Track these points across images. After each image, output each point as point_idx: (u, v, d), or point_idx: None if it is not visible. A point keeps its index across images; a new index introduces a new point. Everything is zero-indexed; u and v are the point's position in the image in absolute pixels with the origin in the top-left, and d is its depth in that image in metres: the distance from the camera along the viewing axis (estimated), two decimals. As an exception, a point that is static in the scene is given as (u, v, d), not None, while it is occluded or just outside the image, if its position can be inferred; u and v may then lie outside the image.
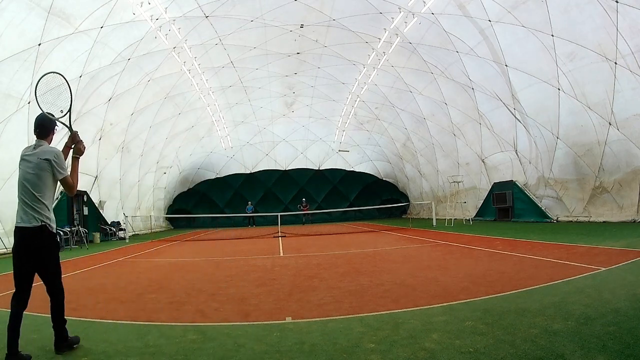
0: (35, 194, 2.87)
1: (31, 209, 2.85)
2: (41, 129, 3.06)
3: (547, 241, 8.51)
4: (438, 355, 2.55)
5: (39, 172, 2.88)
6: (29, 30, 9.89)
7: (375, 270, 6.08)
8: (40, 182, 2.89)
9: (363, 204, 26.49)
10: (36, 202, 2.86)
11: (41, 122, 3.08)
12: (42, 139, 3.05)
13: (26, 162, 2.94)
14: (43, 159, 2.89)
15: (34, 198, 2.86)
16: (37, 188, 2.88)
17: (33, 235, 2.83)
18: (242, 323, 3.57)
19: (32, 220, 2.84)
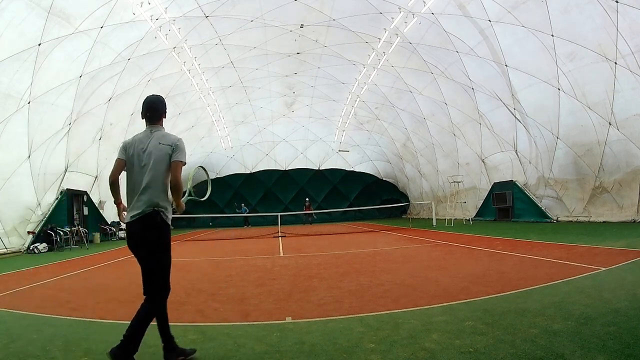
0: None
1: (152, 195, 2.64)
2: (152, 111, 2.83)
3: (547, 241, 8.51)
4: (438, 355, 2.55)
5: (161, 159, 2.67)
6: (29, 30, 9.90)
7: (375, 270, 6.08)
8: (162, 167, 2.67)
9: (363, 204, 26.48)
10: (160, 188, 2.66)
11: (152, 104, 2.83)
12: (155, 123, 2.83)
13: (142, 148, 2.70)
14: (164, 144, 2.69)
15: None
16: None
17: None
18: (242, 323, 3.57)
19: (148, 206, 2.63)
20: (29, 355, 2.89)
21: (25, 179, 12.22)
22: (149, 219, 2.61)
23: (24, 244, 12.19)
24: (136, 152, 2.69)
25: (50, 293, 5.37)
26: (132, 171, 2.69)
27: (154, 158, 2.65)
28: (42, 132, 12.23)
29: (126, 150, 2.73)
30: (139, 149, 2.69)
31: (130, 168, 2.71)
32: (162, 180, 2.66)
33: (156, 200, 2.62)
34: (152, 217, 2.61)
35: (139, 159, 2.68)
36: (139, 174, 2.66)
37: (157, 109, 2.84)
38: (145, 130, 2.81)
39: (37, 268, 8.22)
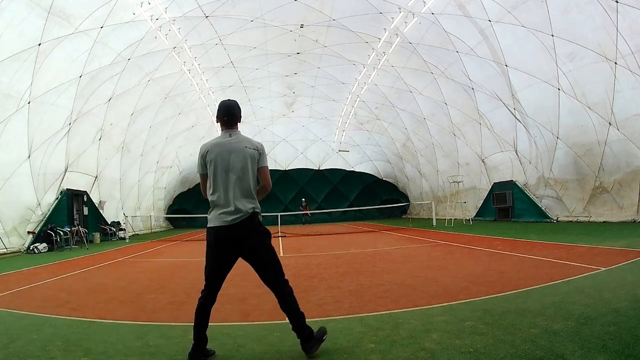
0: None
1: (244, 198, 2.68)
2: (231, 116, 2.84)
3: (547, 241, 8.51)
4: (438, 355, 2.55)
5: (250, 162, 2.72)
6: (29, 30, 9.90)
7: (375, 270, 6.07)
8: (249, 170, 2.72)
9: (363, 204, 26.48)
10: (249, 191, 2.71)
11: (230, 109, 2.86)
12: (233, 127, 2.85)
13: (227, 151, 2.71)
14: (251, 148, 2.73)
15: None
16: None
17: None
18: (242, 323, 3.57)
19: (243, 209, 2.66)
20: (29, 355, 2.89)
21: (25, 179, 12.22)
22: (252, 220, 2.66)
23: (24, 244, 12.19)
24: (220, 156, 2.70)
25: (50, 293, 5.38)
26: (218, 175, 2.69)
27: (242, 162, 2.69)
28: (42, 132, 12.23)
29: (205, 158, 2.76)
30: (223, 153, 2.71)
31: (216, 172, 2.71)
32: (253, 183, 2.73)
33: (252, 203, 2.69)
34: (253, 218, 2.68)
35: (225, 162, 2.69)
36: (227, 177, 2.68)
37: (234, 113, 2.87)
38: (223, 134, 2.83)
39: (37, 268, 8.22)
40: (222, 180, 2.68)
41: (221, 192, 2.67)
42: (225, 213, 2.63)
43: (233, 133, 2.82)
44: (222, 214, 2.64)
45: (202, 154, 2.78)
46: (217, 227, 2.65)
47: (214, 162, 2.71)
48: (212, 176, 2.72)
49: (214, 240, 2.69)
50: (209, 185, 2.74)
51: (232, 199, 2.65)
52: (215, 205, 2.70)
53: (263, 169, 2.77)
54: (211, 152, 2.74)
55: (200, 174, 2.82)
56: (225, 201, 2.65)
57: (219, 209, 2.67)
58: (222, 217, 2.64)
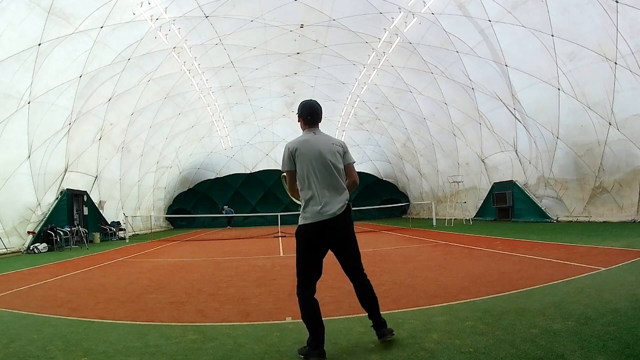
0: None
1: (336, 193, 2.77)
2: (314, 115, 2.94)
3: (547, 241, 8.51)
4: (438, 355, 2.55)
5: (337, 158, 2.83)
6: (29, 30, 9.90)
7: (375, 270, 6.07)
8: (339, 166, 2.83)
9: (363, 204, 26.46)
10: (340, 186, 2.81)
11: (314, 108, 2.96)
12: (316, 125, 2.95)
13: (316, 148, 2.79)
14: (337, 145, 2.86)
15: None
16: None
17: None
18: (242, 323, 3.57)
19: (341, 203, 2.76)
20: (29, 355, 2.88)
21: (25, 179, 12.22)
22: (347, 213, 2.77)
23: (24, 244, 12.19)
24: (311, 154, 2.77)
25: (50, 293, 5.38)
26: (311, 172, 2.76)
27: (331, 158, 2.78)
28: (42, 132, 12.24)
29: (294, 155, 2.80)
30: (313, 150, 2.78)
31: (308, 169, 2.76)
32: (342, 177, 2.83)
33: (346, 197, 2.79)
34: (348, 211, 2.79)
35: (317, 159, 2.76)
36: (320, 174, 2.75)
37: (317, 112, 2.96)
38: (306, 132, 2.91)
39: (37, 268, 8.22)
40: (315, 176, 2.74)
41: (316, 188, 2.74)
42: (323, 208, 2.70)
43: (317, 131, 2.91)
44: (320, 209, 2.70)
45: (291, 151, 2.81)
46: (316, 222, 2.71)
47: (305, 159, 2.77)
48: (304, 173, 2.77)
49: (311, 236, 2.74)
50: (300, 182, 2.80)
51: (327, 194, 2.73)
52: (310, 201, 2.75)
53: (350, 165, 2.89)
54: (300, 150, 2.79)
55: (288, 170, 2.84)
56: (322, 196, 2.72)
57: (315, 204, 2.72)
58: (321, 212, 2.70)
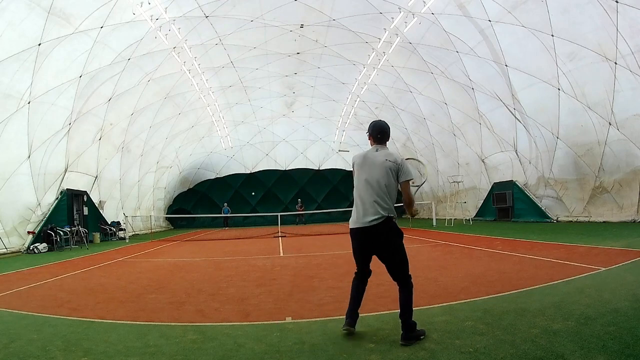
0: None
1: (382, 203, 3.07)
2: (382, 134, 3.27)
3: (547, 241, 8.51)
4: (438, 355, 2.55)
5: (386, 173, 3.11)
6: (29, 30, 9.90)
7: (375, 270, 6.06)
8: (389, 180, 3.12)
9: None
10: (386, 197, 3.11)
11: (383, 128, 3.28)
12: (382, 144, 3.27)
13: (371, 163, 3.16)
14: (390, 161, 3.12)
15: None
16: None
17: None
18: (242, 323, 3.57)
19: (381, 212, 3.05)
20: (29, 355, 2.89)
21: (25, 179, 12.22)
22: (385, 224, 3.05)
23: (24, 244, 12.19)
24: (366, 166, 3.17)
25: (50, 293, 5.38)
26: (361, 183, 3.16)
27: (380, 172, 3.09)
28: (42, 132, 12.23)
29: (353, 166, 3.29)
30: (368, 164, 3.17)
31: (359, 180, 3.18)
32: (389, 191, 3.11)
33: (386, 210, 3.06)
34: (386, 223, 3.06)
35: (366, 172, 3.14)
36: (366, 185, 3.12)
37: (385, 132, 3.29)
38: (371, 149, 3.30)
39: (37, 268, 8.22)
40: (362, 187, 3.13)
41: (359, 198, 3.13)
42: (363, 216, 3.07)
43: (380, 148, 3.25)
44: (360, 217, 3.09)
45: (352, 162, 3.32)
46: (354, 228, 3.14)
47: (359, 171, 3.21)
48: (356, 183, 3.21)
49: (353, 239, 3.22)
50: (354, 190, 3.22)
51: (368, 204, 3.06)
52: (354, 208, 3.18)
53: (403, 183, 3.15)
54: (357, 163, 3.25)
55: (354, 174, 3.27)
56: (363, 206, 3.09)
57: (357, 212, 3.13)
58: (358, 220, 3.10)
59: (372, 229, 3.03)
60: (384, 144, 3.28)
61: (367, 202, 3.06)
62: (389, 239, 3.07)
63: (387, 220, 3.03)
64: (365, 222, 3.03)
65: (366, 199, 3.07)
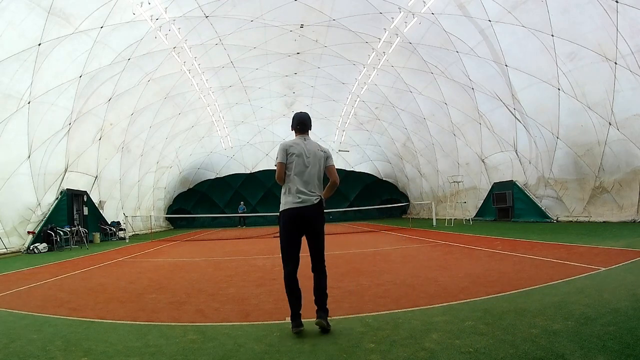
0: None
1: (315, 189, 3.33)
2: (302, 125, 3.53)
3: (547, 241, 8.51)
4: (438, 355, 2.55)
5: (319, 160, 3.40)
6: (29, 30, 9.90)
7: (375, 270, 6.08)
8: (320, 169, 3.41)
9: (363, 204, 26.49)
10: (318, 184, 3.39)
11: (302, 119, 3.56)
12: (305, 133, 3.54)
13: (306, 150, 3.38)
14: (321, 150, 3.45)
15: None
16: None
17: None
18: (242, 323, 3.57)
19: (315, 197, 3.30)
20: (29, 355, 2.89)
21: (25, 179, 12.22)
22: (319, 207, 3.31)
23: (24, 244, 12.19)
24: (301, 153, 3.36)
25: (50, 293, 5.38)
26: (297, 169, 3.33)
27: (314, 160, 3.37)
28: (42, 132, 12.23)
29: (287, 151, 3.37)
30: (302, 151, 3.37)
31: (296, 166, 3.33)
32: (320, 177, 3.40)
33: (320, 193, 3.36)
34: (320, 205, 3.33)
35: (304, 160, 3.35)
36: (304, 171, 3.33)
37: (306, 123, 3.57)
38: (298, 138, 3.51)
39: (37, 268, 8.22)
40: (300, 172, 3.31)
41: (297, 182, 3.30)
42: (299, 198, 3.26)
43: (307, 138, 3.50)
44: (296, 198, 3.27)
45: (285, 148, 3.39)
46: (290, 208, 3.28)
47: (296, 156, 3.34)
48: (292, 168, 3.33)
49: (287, 220, 3.30)
50: (287, 174, 3.35)
51: (305, 188, 3.29)
52: (289, 191, 3.31)
53: (331, 167, 3.46)
54: (293, 148, 3.38)
55: (280, 162, 3.36)
56: (299, 189, 3.28)
57: (292, 195, 3.28)
58: (295, 201, 3.27)
59: (311, 208, 3.25)
60: (306, 134, 3.54)
61: (308, 185, 3.29)
62: (321, 220, 3.34)
63: (321, 201, 3.32)
64: (304, 203, 3.24)
65: (307, 182, 3.30)
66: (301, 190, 3.28)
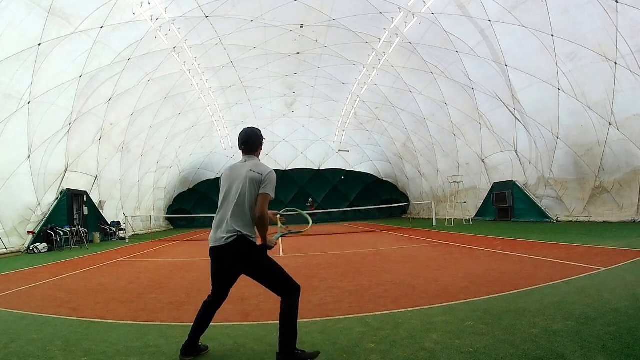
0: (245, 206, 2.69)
1: (234, 221, 2.67)
2: (247, 145, 2.87)
3: (547, 241, 8.51)
4: (438, 355, 2.55)
5: (248, 185, 2.68)
6: (29, 30, 9.90)
7: (375, 270, 6.07)
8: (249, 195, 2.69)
9: (363, 204, 26.48)
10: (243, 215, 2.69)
11: (247, 136, 2.87)
12: (251, 154, 2.87)
13: (234, 175, 2.76)
14: (255, 172, 2.69)
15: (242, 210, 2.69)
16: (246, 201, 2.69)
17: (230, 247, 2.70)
18: (242, 323, 3.57)
19: (230, 232, 2.66)
20: (29, 355, 2.89)
21: (25, 179, 12.22)
22: (241, 241, 2.65)
23: (24, 244, 12.19)
24: (228, 180, 2.78)
25: (50, 293, 5.38)
26: (221, 197, 2.78)
27: (238, 185, 2.70)
28: (42, 132, 12.24)
29: (220, 180, 2.86)
30: (231, 177, 2.78)
31: (221, 194, 2.79)
32: (249, 206, 2.68)
33: (240, 227, 2.65)
34: (236, 243, 2.65)
35: (228, 186, 2.76)
36: (224, 202, 2.75)
37: (251, 141, 2.88)
38: (241, 160, 2.89)
39: (37, 268, 8.22)
40: (222, 202, 2.76)
41: (218, 214, 2.76)
42: (217, 234, 2.71)
43: (249, 159, 2.84)
44: (215, 234, 2.72)
45: (222, 175, 2.91)
46: (210, 247, 2.77)
47: (222, 184, 2.81)
48: (220, 198, 2.80)
49: (211, 260, 2.84)
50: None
51: (224, 221, 2.69)
52: (213, 225, 2.79)
53: (261, 195, 2.66)
54: (223, 176, 2.86)
55: None
56: (219, 222, 2.72)
57: (213, 230, 2.77)
58: (213, 238, 2.74)
59: (224, 248, 2.65)
60: (252, 154, 2.86)
61: (223, 218, 2.69)
62: (248, 258, 2.68)
63: (240, 238, 2.62)
64: (218, 240, 2.68)
65: (223, 214, 2.70)
66: (215, 225, 2.74)
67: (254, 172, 2.69)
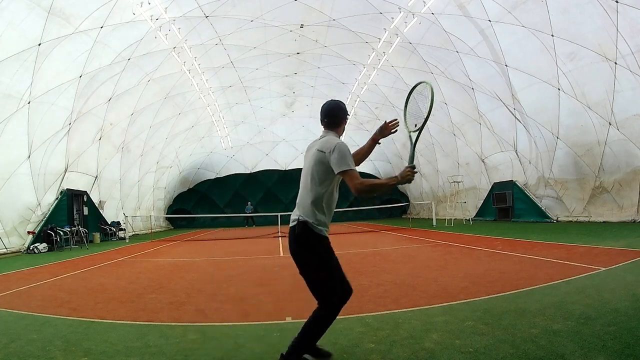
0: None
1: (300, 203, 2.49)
2: (330, 119, 2.64)
3: (547, 241, 8.51)
4: (438, 355, 2.55)
5: (313, 166, 2.45)
6: (29, 30, 9.90)
7: (375, 270, 6.07)
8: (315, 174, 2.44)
9: (363, 204, 26.46)
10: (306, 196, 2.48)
11: (330, 109, 2.64)
12: (330, 130, 2.63)
13: (307, 155, 2.57)
14: (320, 151, 2.43)
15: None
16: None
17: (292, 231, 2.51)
18: (242, 323, 3.57)
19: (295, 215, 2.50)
20: (29, 355, 2.89)
21: (25, 179, 12.22)
22: (295, 231, 2.49)
23: (24, 244, 12.18)
24: (305, 162, 2.63)
25: (50, 293, 5.38)
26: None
27: (305, 164, 2.54)
28: (42, 132, 12.23)
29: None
30: (306, 159, 2.61)
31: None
32: (312, 188, 2.45)
33: (302, 211, 2.47)
34: (299, 228, 2.47)
35: (304, 165, 2.61)
36: (301, 182, 2.58)
37: (331, 114, 2.69)
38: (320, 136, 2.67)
39: (37, 268, 8.22)
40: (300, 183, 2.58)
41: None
42: (292, 217, 2.57)
43: (325, 134, 2.63)
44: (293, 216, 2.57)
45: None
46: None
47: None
48: None
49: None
50: None
51: (297, 203, 2.56)
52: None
53: (342, 176, 2.38)
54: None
55: None
56: (296, 205, 2.58)
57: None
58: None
59: (291, 231, 2.52)
60: (332, 130, 2.63)
61: (297, 201, 2.54)
62: (300, 247, 2.50)
63: (300, 224, 2.43)
64: (291, 223, 2.54)
65: (298, 197, 2.55)
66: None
67: (319, 151, 2.43)
